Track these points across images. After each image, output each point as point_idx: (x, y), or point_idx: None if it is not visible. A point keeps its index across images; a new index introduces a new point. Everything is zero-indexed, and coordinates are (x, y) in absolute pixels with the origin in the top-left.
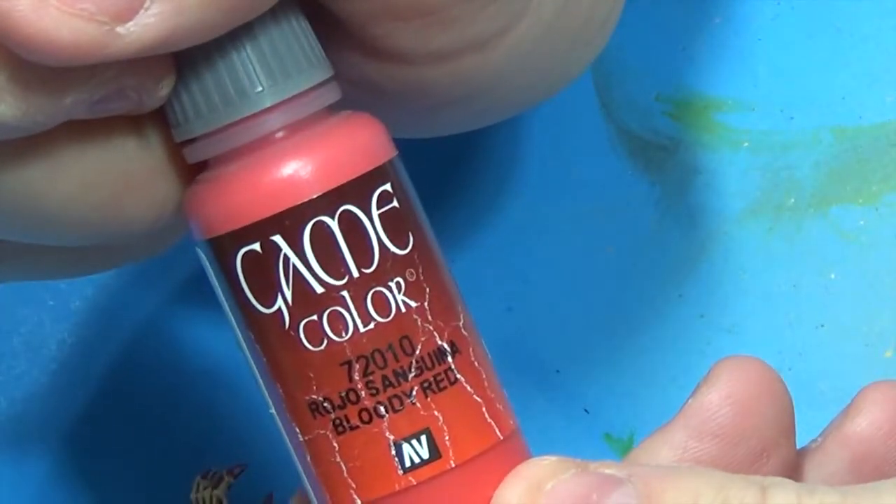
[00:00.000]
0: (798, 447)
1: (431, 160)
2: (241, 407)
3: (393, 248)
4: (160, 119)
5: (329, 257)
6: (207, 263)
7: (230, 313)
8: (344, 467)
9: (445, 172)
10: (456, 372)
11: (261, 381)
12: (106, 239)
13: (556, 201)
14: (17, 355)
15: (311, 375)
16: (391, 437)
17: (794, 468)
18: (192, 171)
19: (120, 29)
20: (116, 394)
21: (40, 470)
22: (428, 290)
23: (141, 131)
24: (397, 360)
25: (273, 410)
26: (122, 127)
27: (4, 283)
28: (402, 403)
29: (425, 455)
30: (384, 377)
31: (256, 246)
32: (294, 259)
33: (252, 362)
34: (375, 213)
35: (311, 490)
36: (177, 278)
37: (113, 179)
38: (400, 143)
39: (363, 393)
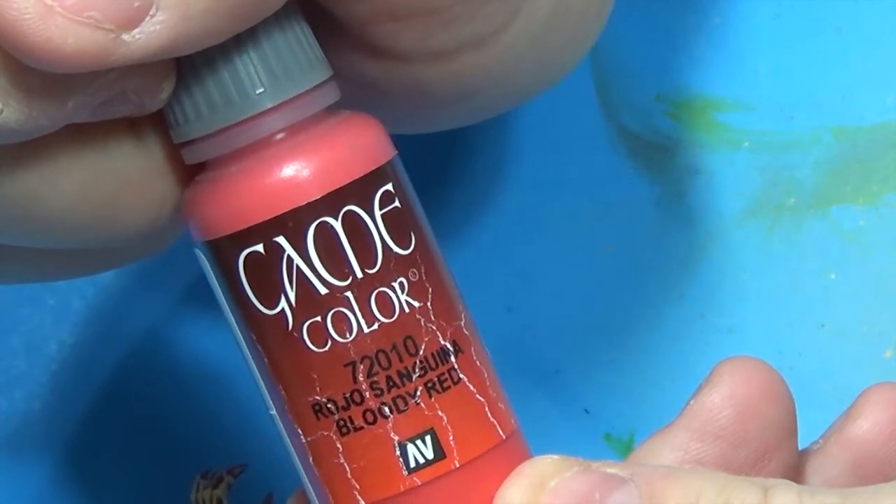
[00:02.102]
0: (799, 448)
1: (430, 158)
2: (241, 407)
3: (396, 249)
4: (157, 120)
5: (333, 258)
6: (207, 265)
7: (230, 314)
8: (348, 468)
9: (444, 172)
10: (459, 372)
11: (261, 382)
12: (104, 241)
13: (556, 201)
14: (17, 355)
15: (315, 377)
16: (396, 438)
17: (795, 470)
18: (189, 172)
19: (125, 36)
20: (116, 393)
21: (40, 470)
22: (430, 289)
23: (138, 132)
24: (401, 361)
25: (273, 412)
26: (120, 129)
27: (3, 285)
28: (406, 404)
29: (430, 455)
30: (388, 378)
31: (259, 247)
32: (298, 260)
33: (252, 363)
34: (378, 213)
35: (313, 492)
36: (178, 278)
37: (111, 181)
38: (399, 140)
39: (367, 394)
